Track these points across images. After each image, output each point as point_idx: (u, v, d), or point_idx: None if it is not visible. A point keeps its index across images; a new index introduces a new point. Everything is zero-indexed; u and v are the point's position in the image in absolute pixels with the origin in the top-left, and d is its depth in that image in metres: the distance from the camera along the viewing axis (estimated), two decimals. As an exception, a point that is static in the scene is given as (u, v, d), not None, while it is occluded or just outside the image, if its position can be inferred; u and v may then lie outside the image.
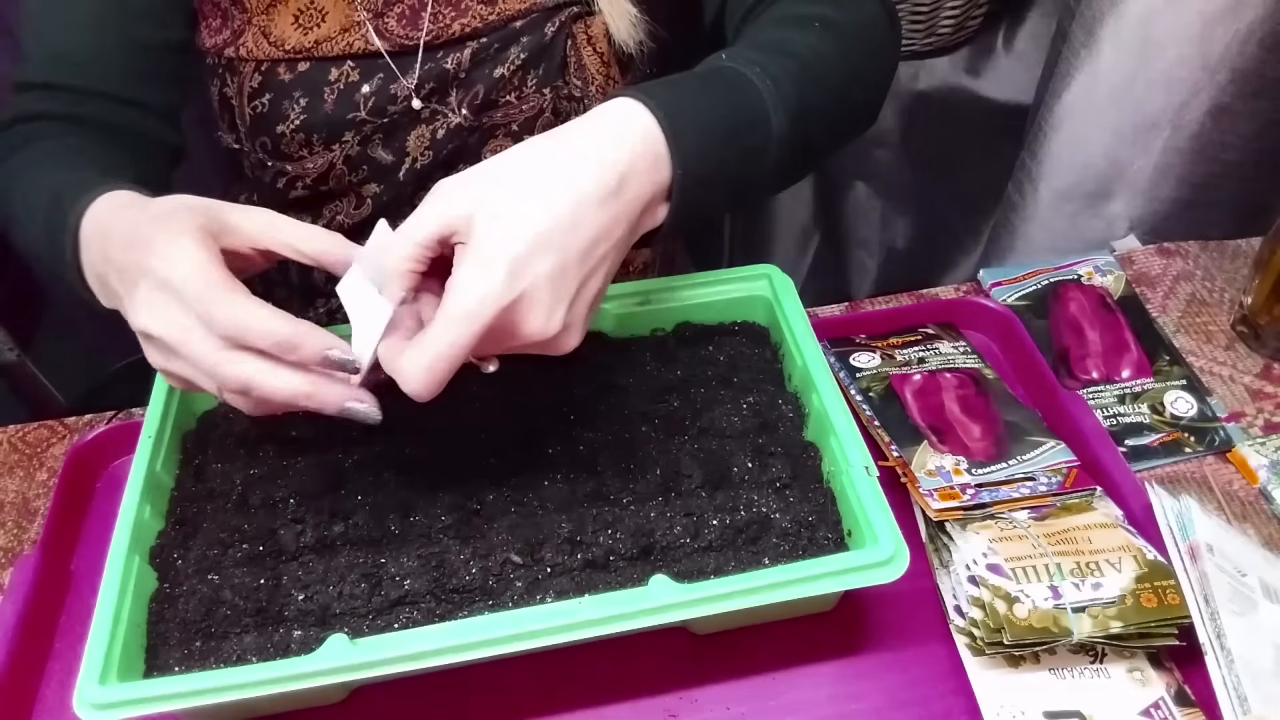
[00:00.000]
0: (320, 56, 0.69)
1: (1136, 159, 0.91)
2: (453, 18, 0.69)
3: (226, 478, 0.56)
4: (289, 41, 0.68)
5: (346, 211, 0.77)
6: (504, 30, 0.71)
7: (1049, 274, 0.78)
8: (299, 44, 0.68)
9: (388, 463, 0.56)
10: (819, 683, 0.53)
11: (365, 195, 0.76)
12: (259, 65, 0.69)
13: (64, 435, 0.72)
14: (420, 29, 0.69)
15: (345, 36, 0.68)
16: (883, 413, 0.63)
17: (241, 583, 0.51)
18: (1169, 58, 0.83)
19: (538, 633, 0.46)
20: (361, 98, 0.70)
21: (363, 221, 0.77)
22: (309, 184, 0.74)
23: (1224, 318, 0.75)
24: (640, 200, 0.48)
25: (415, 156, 0.74)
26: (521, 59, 0.72)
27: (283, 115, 0.70)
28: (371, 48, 0.69)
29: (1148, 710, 0.50)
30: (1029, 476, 0.57)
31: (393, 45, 0.69)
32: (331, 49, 0.69)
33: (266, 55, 0.69)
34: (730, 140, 0.51)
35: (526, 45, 0.72)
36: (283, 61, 0.69)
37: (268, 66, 0.69)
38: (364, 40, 0.69)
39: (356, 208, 0.77)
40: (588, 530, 0.52)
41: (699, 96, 0.51)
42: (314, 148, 0.72)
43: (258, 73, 0.70)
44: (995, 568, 0.52)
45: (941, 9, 1.11)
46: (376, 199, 0.76)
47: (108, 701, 0.44)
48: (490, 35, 0.71)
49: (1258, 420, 0.68)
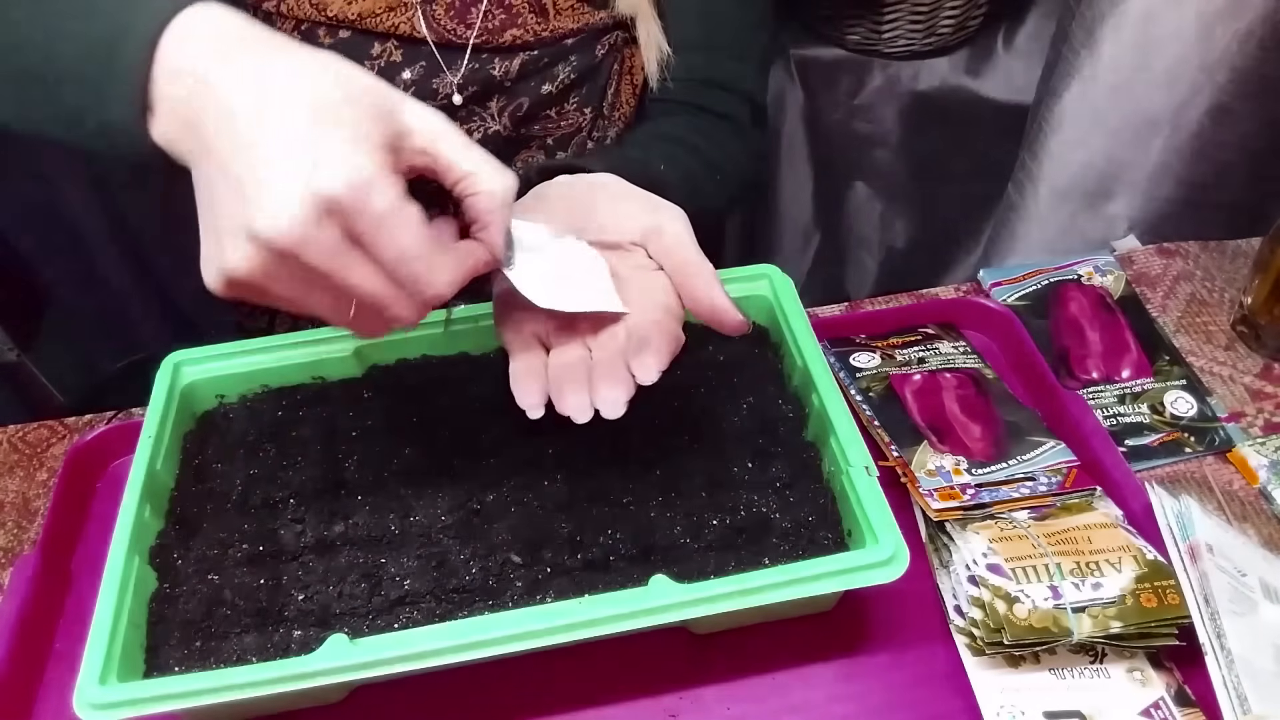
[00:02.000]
0: (364, 30, 0.68)
1: (1136, 159, 0.91)
2: (504, 24, 0.69)
3: (226, 478, 0.56)
4: (332, 7, 0.66)
5: None
6: (555, 47, 0.71)
7: (1049, 274, 0.78)
8: (342, 12, 0.67)
9: (388, 463, 0.56)
10: (819, 683, 0.53)
11: None
12: (299, 24, 0.67)
13: (64, 435, 0.72)
14: (470, 26, 0.69)
15: (391, 15, 0.67)
16: (883, 413, 0.63)
17: (242, 583, 0.51)
18: (1169, 58, 0.84)
19: (538, 633, 0.46)
20: (402, 83, 0.69)
21: None
22: None
23: (1224, 318, 0.75)
24: None
25: None
26: (571, 78, 0.73)
27: None
28: (418, 33, 0.68)
29: (1148, 710, 0.50)
30: (1029, 476, 0.57)
31: (439, 37, 0.69)
32: (376, 25, 0.67)
33: (307, 16, 0.67)
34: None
35: (576, 65, 0.73)
36: (323, 25, 0.68)
37: (307, 28, 0.68)
38: (410, 24, 0.68)
39: None
40: (588, 530, 0.52)
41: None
42: None
43: (297, 31, 0.68)
44: (995, 568, 0.52)
45: (941, 9, 1.11)
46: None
47: (108, 701, 0.44)
48: (541, 49, 0.71)
49: (1258, 420, 0.68)
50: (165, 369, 0.59)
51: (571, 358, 0.48)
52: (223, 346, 0.60)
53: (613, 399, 0.45)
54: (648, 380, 0.45)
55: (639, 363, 0.46)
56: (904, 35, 1.14)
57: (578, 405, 0.46)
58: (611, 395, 0.45)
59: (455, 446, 0.57)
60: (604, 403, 0.46)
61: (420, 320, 0.43)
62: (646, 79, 0.75)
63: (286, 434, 0.58)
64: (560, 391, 0.47)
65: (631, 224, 0.51)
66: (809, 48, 1.19)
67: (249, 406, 0.60)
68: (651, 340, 0.46)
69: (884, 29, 1.13)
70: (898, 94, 1.19)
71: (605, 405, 0.46)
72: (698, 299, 0.49)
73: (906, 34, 1.14)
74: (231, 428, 0.59)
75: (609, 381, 0.46)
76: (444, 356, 0.62)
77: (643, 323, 0.47)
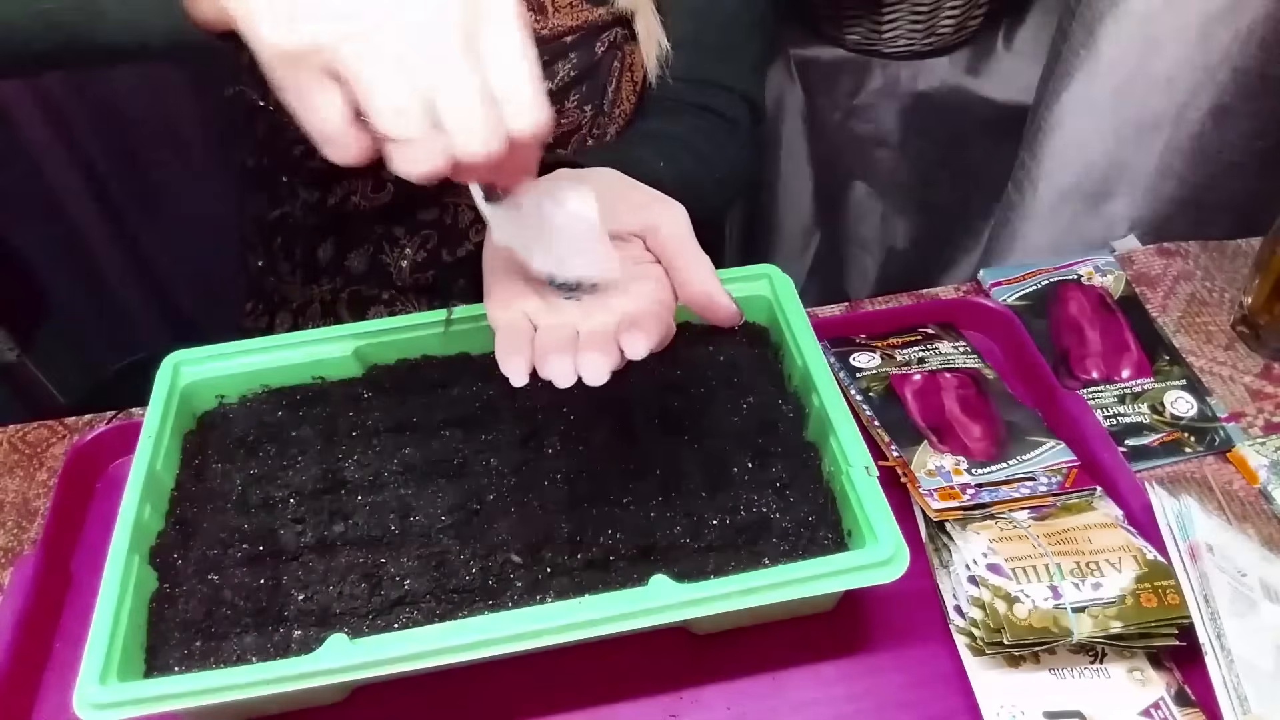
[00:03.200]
0: None
1: (1137, 159, 0.91)
2: None
3: (226, 478, 0.56)
4: None
5: (364, 193, 0.76)
6: (554, 45, 0.71)
7: (1049, 274, 0.78)
8: None
9: (388, 463, 0.56)
10: (819, 683, 0.53)
11: (385, 178, 0.75)
12: None
13: (64, 435, 0.72)
14: None
15: None
16: (883, 413, 0.63)
17: (242, 583, 0.51)
18: (1169, 58, 0.83)
19: (538, 633, 0.46)
20: None
21: (382, 207, 0.76)
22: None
23: (1224, 318, 0.75)
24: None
25: None
26: (571, 75, 0.73)
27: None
28: None
29: (1148, 710, 0.50)
30: (1029, 476, 0.57)
31: None
32: None
33: None
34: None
35: (576, 63, 0.72)
36: None
37: None
38: None
39: (375, 190, 0.75)
40: (588, 530, 0.52)
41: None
42: None
43: None
44: (995, 568, 0.52)
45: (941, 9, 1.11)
46: (398, 185, 0.75)
47: (108, 701, 0.44)
48: (541, 47, 0.71)
49: (1258, 420, 0.68)
50: (165, 369, 0.59)
51: (558, 328, 0.47)
52: (223, 346, 0.60)
53: (596, 363, 0.43)
54: (636, 355, 0.44)
55: (628, 338, 0.44)
56: (904, 35, 1.14)
57: (561, 370, 0.44)
58: (596, 360, 0.43)
59: (455, 446, 0.57)
60: (587, 366, 0.43)
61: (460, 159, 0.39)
62: (646, 75, 0.75)
63: (286, 434, 0.58)
64: (544, 357, 0.44)
65: (630, 217, 0.51)
66: (809, 48, 1.19)
67: (249, 406, 0.60)
68: (642, 323, 0.45)
69: (884, 29, 1.13)
70: (898, 94, 1.19)
71: (588, 369, 0.43)
72: (692, 289, 0.49)
73: (906, 34, 1.14)
74: (231, 428, 0.59)
75: (595, 348, 0.44)
76: (444, 356, 0.62)
77: (634, 310, 0.47)
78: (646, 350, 0.45)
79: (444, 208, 0.77)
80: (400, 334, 0.61)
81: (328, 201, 0.76)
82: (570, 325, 0.47)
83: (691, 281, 0.49)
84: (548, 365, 0.44)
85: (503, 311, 0.49)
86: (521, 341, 0.46)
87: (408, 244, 0.78)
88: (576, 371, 0.44)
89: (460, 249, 0.78)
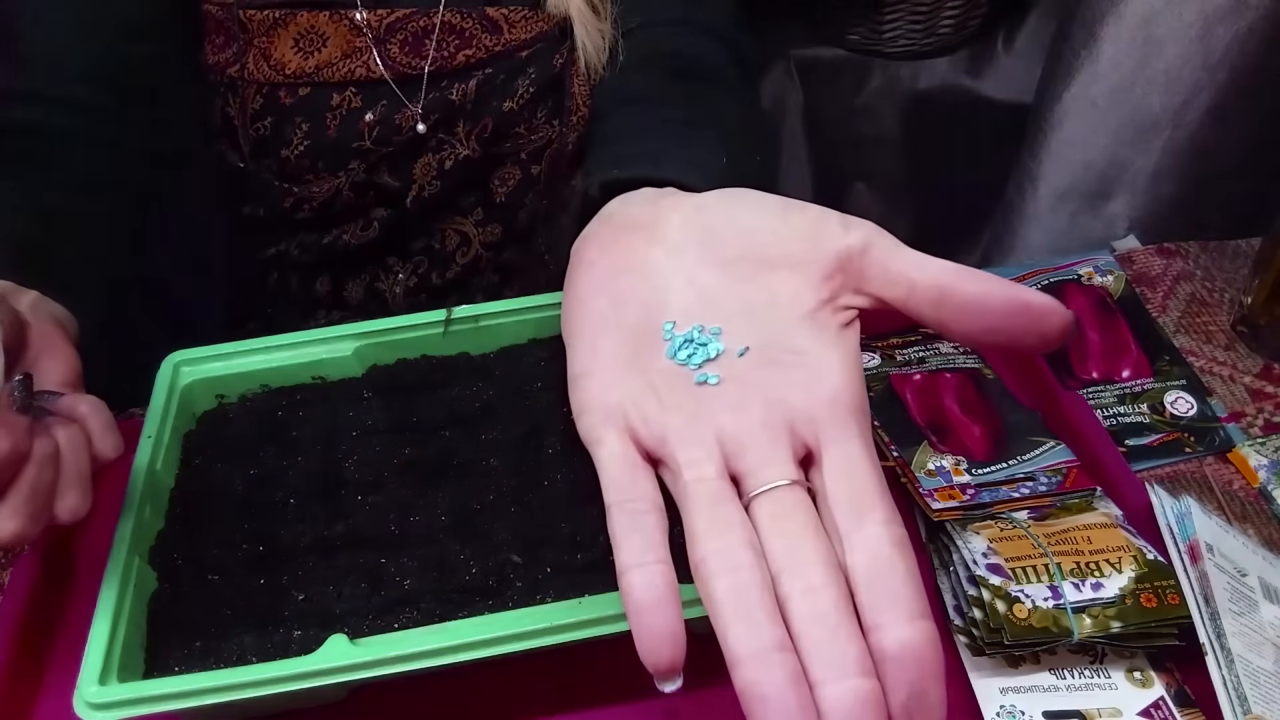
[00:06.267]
0: (321, 82, 0.68)
1: (1137, 159, 0.91)
2: (457, 47, 0.69)
3: (226, 478, 0.56)
4: (289, 65, 0.68)
5: (354, 233, 0.77)
6: (509, 60, 0.71)
7: (1049, 274, 0.78)
8: (299, 68, 0.68)
9: (388, 463, 0.56)
10: (819, 683, 0.53)
11: (373, 218, 0.76)
12: (260, 88, 0.69)
13: (64, 435, 0.71)
14: (425, 57, 0.69)
15: (347, 63, 0.68)
16: (883, 413, 0.63)
17: (242, 583, 0.51)
18: (1169, 58, 0.84)
19: (538, 633, 0.46)
20: (365, 125, 0.69)
21: (370, 244, 0.77)
22: (315, 207, 0.74)
23: (1224, 318, 0.75)
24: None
25: (422, 185, 0.73)
26: (531, 92, 0.72)
27: (285, 140, 0.70)
28: (374, 74, 0.68)
29: (1148, 710, 0.50)
30: (1029, 476, 0.57)
31: (395, 73, 0.69)
32: (333, 74, 0.68)
33: (267, 79, 0.68)
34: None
35: (535, 78, 0.71)
36: (283, 85, 0.68)
37: (269, 90, 0.69)
38: (366, 67, 0.68)
39: (364, 229, 0.76)
40: (588, 530, 0.52)
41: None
42: (319, 173, 0.72)
43: (259, 95, 0.69)
44: (995, 568, 0.52)
45: (941, 9, 1.11)
46: (384, 222, 0.76)
47: (108, 701, 0.44)
48: (495, 65, 0.70)
49: (1258, 420, 0.68)
50: (165, 369, 0.59)
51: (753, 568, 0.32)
52: (223, 346, 0.60)
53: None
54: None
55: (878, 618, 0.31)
56: (904, 35, 1.14)
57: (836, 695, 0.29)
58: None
59: (455, 446, 0.57)
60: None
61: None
62: (592, 75, 0.73)
63: (286, 434, 0.58)
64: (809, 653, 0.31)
65: (809, 246, 0.36)
66: (809, 48, 1.19)
67: (249, 406, 0.60)
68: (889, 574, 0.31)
69: (884, 29, 1.13)
70: (898, 94, 1.19)
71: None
72: (987, 306, 0.34)
73: (906, 34, 1.14)
74: (231, 428, 0.59)
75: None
76: (444, 356, 0.62)
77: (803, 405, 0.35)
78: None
79: (431, 234, 0.78)
80: (400, 334, 0.61)
81: (322, 240, 0.77)
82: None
83: (988, 297, 0.34)
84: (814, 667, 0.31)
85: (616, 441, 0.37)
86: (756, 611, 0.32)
87: (401, 270, 0.79)
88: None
89: (449, 271, 0.80)
